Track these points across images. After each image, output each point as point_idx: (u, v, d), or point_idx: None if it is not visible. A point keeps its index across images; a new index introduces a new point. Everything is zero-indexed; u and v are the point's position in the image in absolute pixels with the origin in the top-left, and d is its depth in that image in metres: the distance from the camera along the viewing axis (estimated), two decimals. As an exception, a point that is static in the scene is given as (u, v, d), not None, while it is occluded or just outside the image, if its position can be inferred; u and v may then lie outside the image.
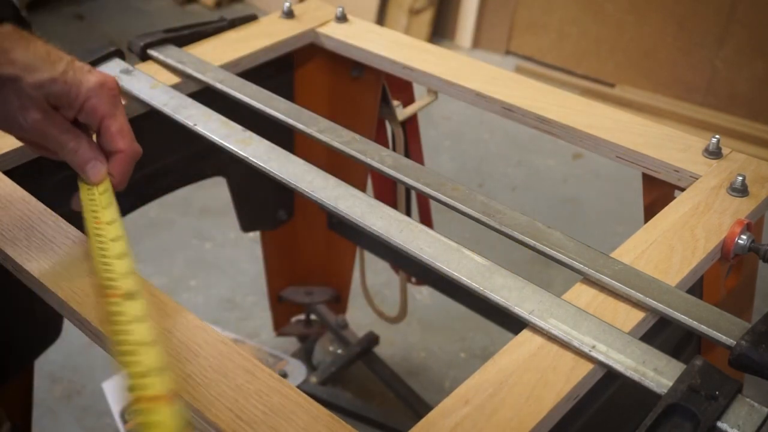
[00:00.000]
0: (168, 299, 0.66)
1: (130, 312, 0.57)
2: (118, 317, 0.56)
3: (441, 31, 3.13)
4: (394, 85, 1.17)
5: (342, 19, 1.11)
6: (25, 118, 0.66)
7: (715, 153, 0.83)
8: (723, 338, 0.60)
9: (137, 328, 0.55)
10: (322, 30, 1.09)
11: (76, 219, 0.75)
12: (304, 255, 1.43)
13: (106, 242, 0.65)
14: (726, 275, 0.81)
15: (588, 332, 0.61)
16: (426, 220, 1.33)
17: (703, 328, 0.61)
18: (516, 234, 0.71)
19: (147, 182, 1.05)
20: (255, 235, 1.43)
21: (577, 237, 0.70)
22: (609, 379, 0.61)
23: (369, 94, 1.16)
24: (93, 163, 0.70)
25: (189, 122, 0.87)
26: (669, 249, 0.71)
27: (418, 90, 1.16)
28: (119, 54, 0.98)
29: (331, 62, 1.13)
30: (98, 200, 0.69)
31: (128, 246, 0.65)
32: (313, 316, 1.61)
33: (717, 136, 0.83)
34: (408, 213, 1.32)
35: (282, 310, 1.57)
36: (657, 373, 0.57)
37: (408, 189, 1.24)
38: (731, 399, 0.54)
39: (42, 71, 0.66)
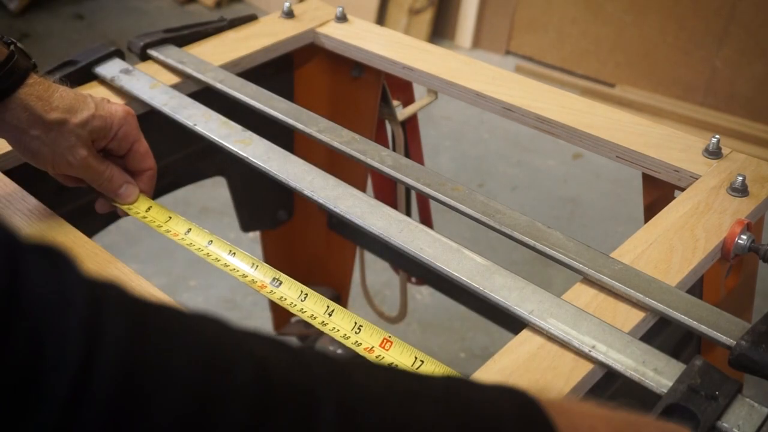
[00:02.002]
0: (168, 299, 0.66)
1: (284, 292, 0.67)
2: (284, 302, 0.66)
3: (441, 31, 3.13)
4: (394, 85, 1.17)
5: (342, 19, 1.11)
6: (75, 156, 0.73)
7: (715, 153, 0.83)
8: (723, 338, 0.60)
9: (307, 305, 0.65)
10: (322, 30, 1.09)
11: (75, 219, 0.75)
12: (304, 255, 1.43)
13: (204, 249, 0.73)
14: (726, 275, 0.81)
15: (588, 332, 0.61)
16: (426, 220, 1.33)
17: (703, 328, 0.61)
18: (516, 234, 0.71)
19: (147, 182, 1.05)
20: (255, 235, 1.43)
21: (577, 237, 0.70)
22: (609, 379, 0.61)
23: (369, 94, 1.16)
24: (125, 186, 0.78)
25: (189, 122, 0.87)
26: (669, 249, 0.71)
27: (418, 90, 1.16)
28: (119, 54, 0.98)
29: (331, 62, 1.13)
30: (152, 218, 0.77)
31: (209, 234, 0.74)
32: (313, 316, 1.60)
33: (717, 136, 0.83)
34: (408, 213, 1.32)
35: (282, 310, 1.56)
36: (657, 373, 0.57)
37: (408, 189, 1.24)
38: (731, 399, 0.54)
39: (82, 111, 0.73)
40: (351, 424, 0.32)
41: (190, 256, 2.01)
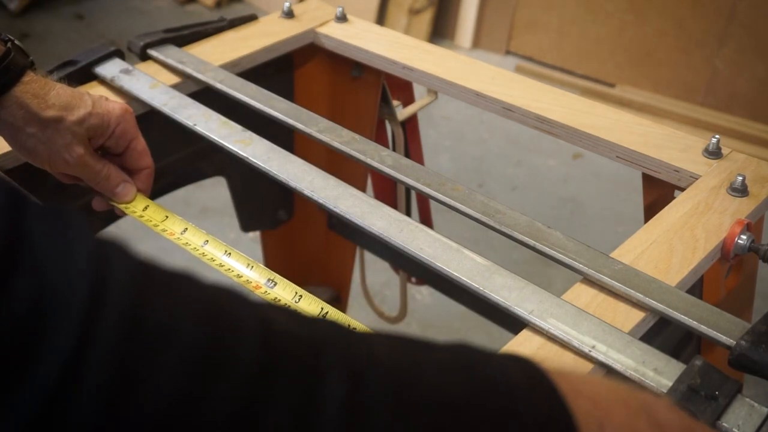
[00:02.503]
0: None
1: (278, 293, 0.67)
2: (278, 303, 0.65)
3: (441, 31, 3.13)
4: (394, 85, 1.17)
5: (342, 19, 1.11)
6: (71, 154, 0.73)
7: (715, 153, 0.83)
8: (723, 338, 0.60)
9: (301, 306, 0.65)
10: (322, 30, 1.09)
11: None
12: (304, 255, 1.43)
13: (199, 248, 0.73)
14: (726, 275, 0.81)
15: (588, 332, 0.61)
16: (426, 220, 1.33)
17: (702, 328, 0.61)
18: (516, 234, 0.71)
19: (147, 182, 1.05)
20: (255, 235, 1.43)
21: (577, 237, 0.70)
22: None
23: (369, 94, 1.16)
24: (123, 185, 0.77)
25: (189, 122, 0.87)
26: (669, 249, 0.71)
27: (418, 90, 1.16)
28: (119, 54, 0.98)
29: (331, 62, 1.13)
30: (149, 217, 0.77)
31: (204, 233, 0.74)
32: (313, 316, 1.60)
33: (717, 136, 0.83)
34: (408, 213, 1.32)
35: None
36: (657, 373, 0.57)
37: (408, 189, 1.24)
38: (731, 399, 0.54)
39: (78, 108, 0.72)
40: (357, 384, 0.32)
41: (190, 257, 2.01)
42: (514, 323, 0.64)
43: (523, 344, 0.62)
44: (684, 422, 0.41)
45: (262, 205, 1.30)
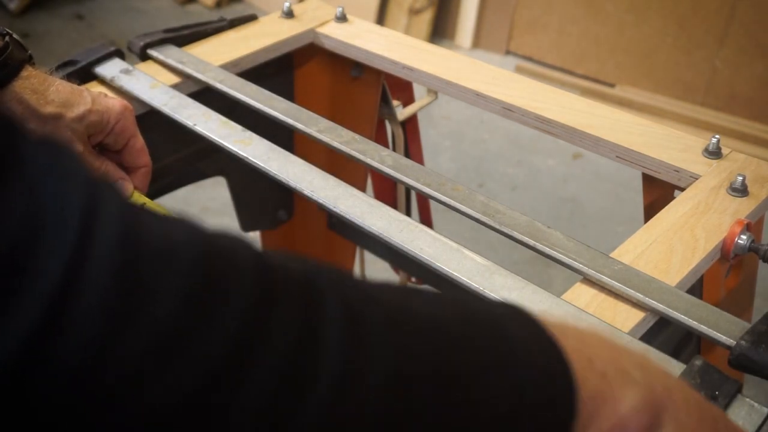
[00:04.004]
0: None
1: None
2: None
3: (441, 31, 3.13)
4: (394, 85, 1.17)
5: (342, 19, 1.11)
6: None
7: (715, 153, 0.83)
8: (723, 338, 0.60)
9: None
10: (322, 30, 1.09)
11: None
12: (304, 255, 1.43)
13: None
14: (726, 275, 0.81)
15: (588, 332, 0.61)
16: (426, 220, 1.33)
17: (702, 328, 0.61)
18: (516, 234, 0.71)
19: (147, 182, 1.05)
20: (255, 235, 1.43)
21: (577, 237, 0.70)
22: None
23: (369, 94, 1.16)
24: (120, 183, 0.77)
25: (189, 122, 0.87)
26: (669, 249, 0.71)
27: (418, 90, 1.16)
28: (119, 54, 0.98)
29: (331, 62, 1.13)
30: None
31: None
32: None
33: (717, 136, 0.83)
34: (408, 213, 1.32)
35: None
36: (657, 373, 0.57)
37: (408, 189, 1.24)
38: (731, 399, 0.54)
39: (78, 105, 0.72)
40: (353, 309, 0.32)
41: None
42: (514, 323, 0.64)
43: (523, 344, 0.62)
44: (664, 369, 0.42)
45: (262, 205, 1.30)
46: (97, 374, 0.26)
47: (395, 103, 1.18)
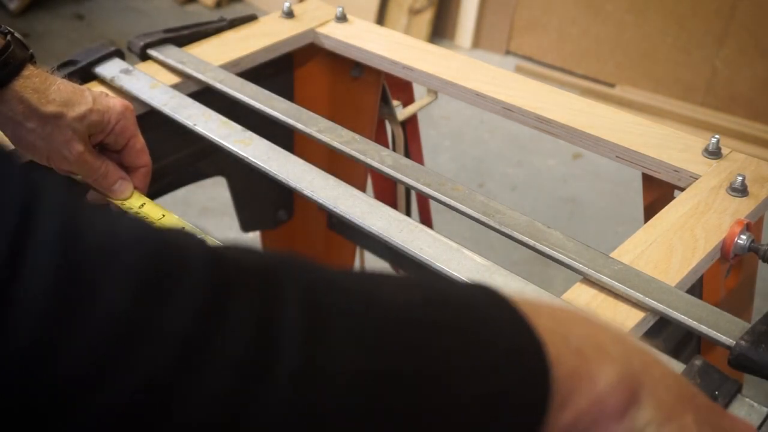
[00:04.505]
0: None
1: None
2: None
3: (441, 31, 3.13)
4: (394, 85, 1.17)
5: (342, 19, 1.11)
6: (71, 150, 0.72)
7: (714, 153, 0.83)
8: (722, 338, 0.60)
9: None
10: (322, 30, 1.09)
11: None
12: (304, 255, 1.43)
13: None
14: (726, 275, 0.81)
15: (588, 332, 0.61)
16: (426, 220, 1.33)
17: (702, 328, 0.61)
18: (516, 234, 0.71)
19: (147, 182, 1.05)
20: (255, 235, 1.43)
21: (577, 237, 0.70)
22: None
23: (369, 94, 1.16)
24: (120, 182, 0.77)
25: (189, 122, 0.87)
26: (669, 249, 0.71)
27: (418, 90, 1.16)
28: (119, 54, 0.98)
29: (331, 62, 1.13)
30: (145, 214, 0.76)
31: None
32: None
33: (717, 136, 0.83)
34: (408, 213, 1.32)
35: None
36: (657, 373, 0.57)
37: (408, 189, 1.24)
38: (731, 399, 0.54)
39: (79, 105, 0.71)
40: (313, 299, 0.31)
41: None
42: (514, 323, 0.64)
43: (523, 344, 0.62)
44: (642, 345, 0.42)
45: (262, 205, 1.30)
46: (42, 376, 0.25)
47: (395, 103, 1.18)
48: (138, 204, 0.78)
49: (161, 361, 0.26)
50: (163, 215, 0.77)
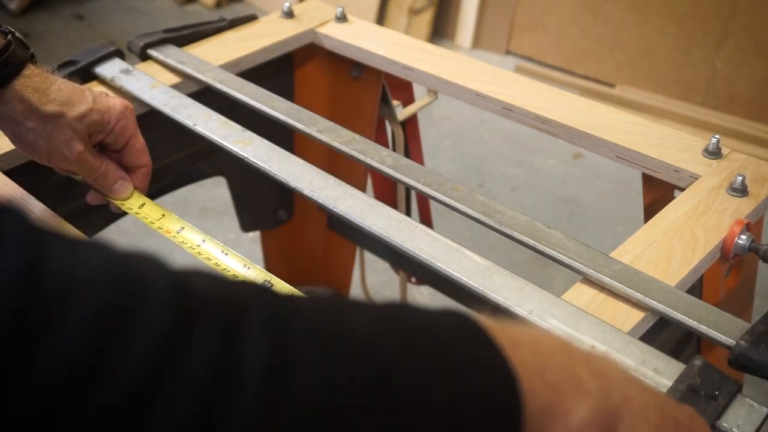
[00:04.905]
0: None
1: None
2: None
3: (441, 31, 3.13)
4: (394, 85, 1.17)
5: (342, 19, 1.11)
6: (70, 150, 0.72)
7: (714, 153, 0.83)
8: (722, 338, 0.60)
9: None
10: (322, 30, 1.09)
11: (76, 219, 0.75)
12: (304, 255, 1.43)
13: (196, 247, 0.72)
14: (726, 275, 0.81)
15: (587, 332, 0.61)
16: (426, 220, 1.33)
17: (702, 328, 0.61)
18: (516, 234, 0.71)
19: (147, 182, 1.05)
20: (255, 235, 1.43)
21: (577, 237, 0.70)
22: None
23: (369, 94, 1.16)
24: (120, 182, 0.77)
25: (189, 122, 0.87)
26: (669, 249, 0.71)
27: (418, 90, 1.16)
28: (119, 54, 0.98)
29: (331, 62, 1.13)
30: (145, 214, 0.77)
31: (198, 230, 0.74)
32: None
33: (717, 136, 0.83)
34: (408, 213, 1.32)
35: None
36: (657, 373, 0.57)
37: (408, 189, 1.24)
38: (731, 399, 0.54)
39: (79, 104, 0.71)
40: (279, 332, 0.30)
41: (190, 258, 2.01)
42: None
43: (523, 344, 0.62)
44: (625, 374, 0.41)
45: (262, 205, 1.30)
46: (2, 408, 0.24)
47: (395, 103, 1.18)
48: (138, 204, 0.78)
49: (118, 400, 0.26)
50: (163, 215, 0.77)
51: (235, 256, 0.70)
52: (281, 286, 0.67)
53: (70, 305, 0.26)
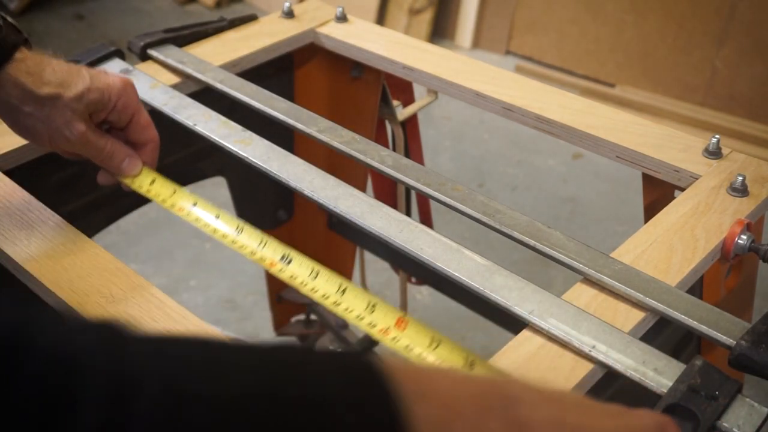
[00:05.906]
0: (168, 299, 0.66)
1: (294, 270, 0.64)
2: (294, 281, 0.63)
3: (441, 31, 3.13)
4: (394, 85, 1.17)
5: (342, 19, 1.11)
6: (71, 131, 0.70)
7: (715, 153, 0.83)
8: (723, 338, 0.60)
9: (318, 284, 0.62)
10: (322, 30, 1.09)
11: (76, 219, 0.75)
12: (304, 255, 1.43)
13: (210, 225, 0.70)
14: (726, 275, 0.81)
15: (588, 332, 0.61)
16: (426, 220, 1.33)
17: (703, 328, 0.61)
18: (516, 234, 0.71)
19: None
20: (255, 235, 1.43)
21: (577, 237, 0.70)
22: (609, 379, 0.61)
23: (369, 94, 1.16)
24: (128, 160, 0.75)
25: (189, 122, 0.87)
26: (669, 249, 0.71)
27: (418, 90, 1.16)
28: (119, 54, 0.98)
29: (331, 62, 1.13)
30: (156, 192, 0.75)
31: (214, 207, 0.73)
32: (313, 316, 1.61)
33: (717, 136, 0.83)
34: (408, 213, 1.32)
35: (282, 310, 1.57)
36: (657, 373, 0.57)
37: (408, 189, 1.24)
38: (731, 399, 0.54)
39: (76, 84, 0.70)
40: (120, 406, 0.27)
41: (190, 257, 2.01)
42: (514, 323, 0.64)
43: (523, 344, 0.62)
44: (552, 414, 0.36)
45: (262, 205, 1.30)
46: None
47: (395, 103, 1.18)
48: (148, 181, 0.76)
49: None
50: (175, 191, 0.75)
51: (251, 233, 0.68)
52: (301, 261, 0.64)
53: None
